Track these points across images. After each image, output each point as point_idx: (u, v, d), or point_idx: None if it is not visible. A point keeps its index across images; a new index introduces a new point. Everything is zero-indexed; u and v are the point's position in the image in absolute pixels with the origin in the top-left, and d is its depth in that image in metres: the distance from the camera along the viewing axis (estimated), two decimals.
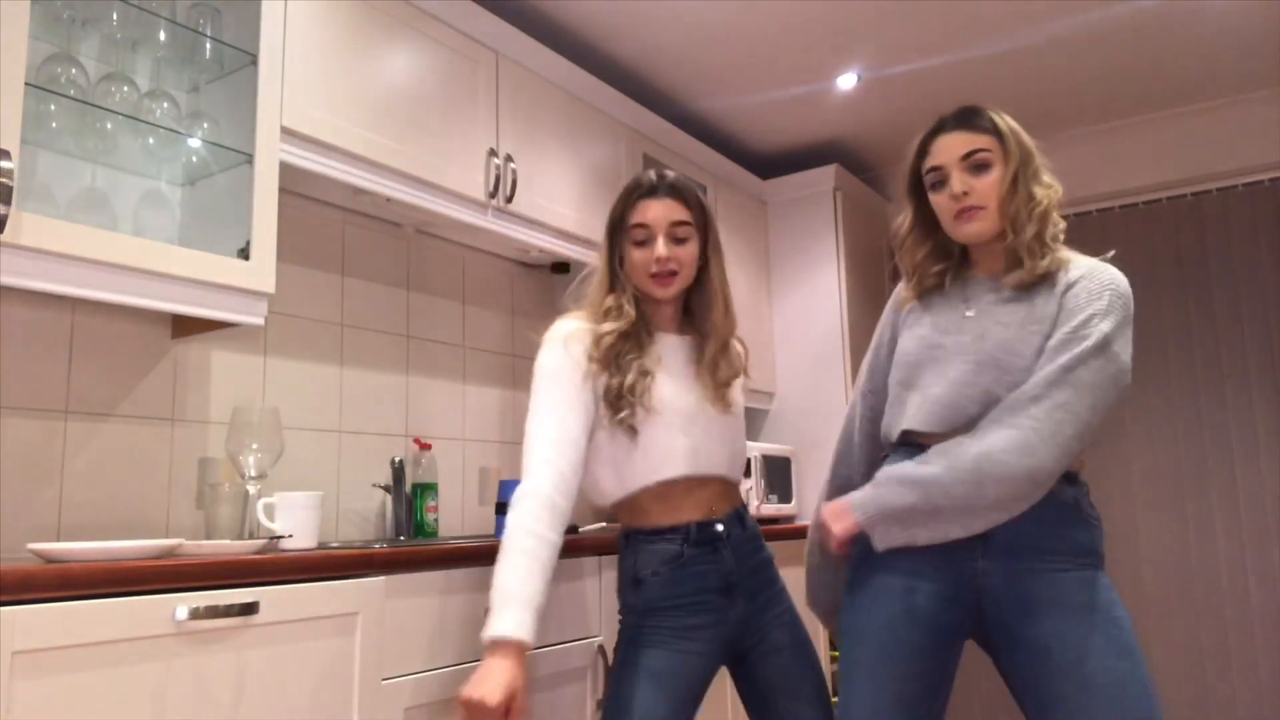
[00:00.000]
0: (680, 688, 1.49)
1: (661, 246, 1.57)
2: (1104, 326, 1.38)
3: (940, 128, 1.54)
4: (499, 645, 1.34)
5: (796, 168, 3.72)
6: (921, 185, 1.57)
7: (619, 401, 1.52)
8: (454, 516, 2.52)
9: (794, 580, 1.76)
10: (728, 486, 1.66)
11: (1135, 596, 3.40)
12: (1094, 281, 1.43)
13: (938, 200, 1.53)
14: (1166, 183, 3.57)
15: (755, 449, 3.29)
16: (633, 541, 1.59)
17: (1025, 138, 1.51)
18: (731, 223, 3.49)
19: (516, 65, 2.52)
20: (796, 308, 3.66)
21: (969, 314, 1.51)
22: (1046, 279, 1.46)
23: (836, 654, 3.15)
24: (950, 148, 1.51)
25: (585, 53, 2.91)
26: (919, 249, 1.60)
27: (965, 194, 1.48)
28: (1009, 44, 3.01)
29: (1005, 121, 1.51)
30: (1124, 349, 1.39)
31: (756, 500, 3.22)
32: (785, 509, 3.40)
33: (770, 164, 3.82)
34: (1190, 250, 3.52)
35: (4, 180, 1.38)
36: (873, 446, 1.69)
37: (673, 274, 1.59)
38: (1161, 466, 3.44)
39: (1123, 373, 1.38)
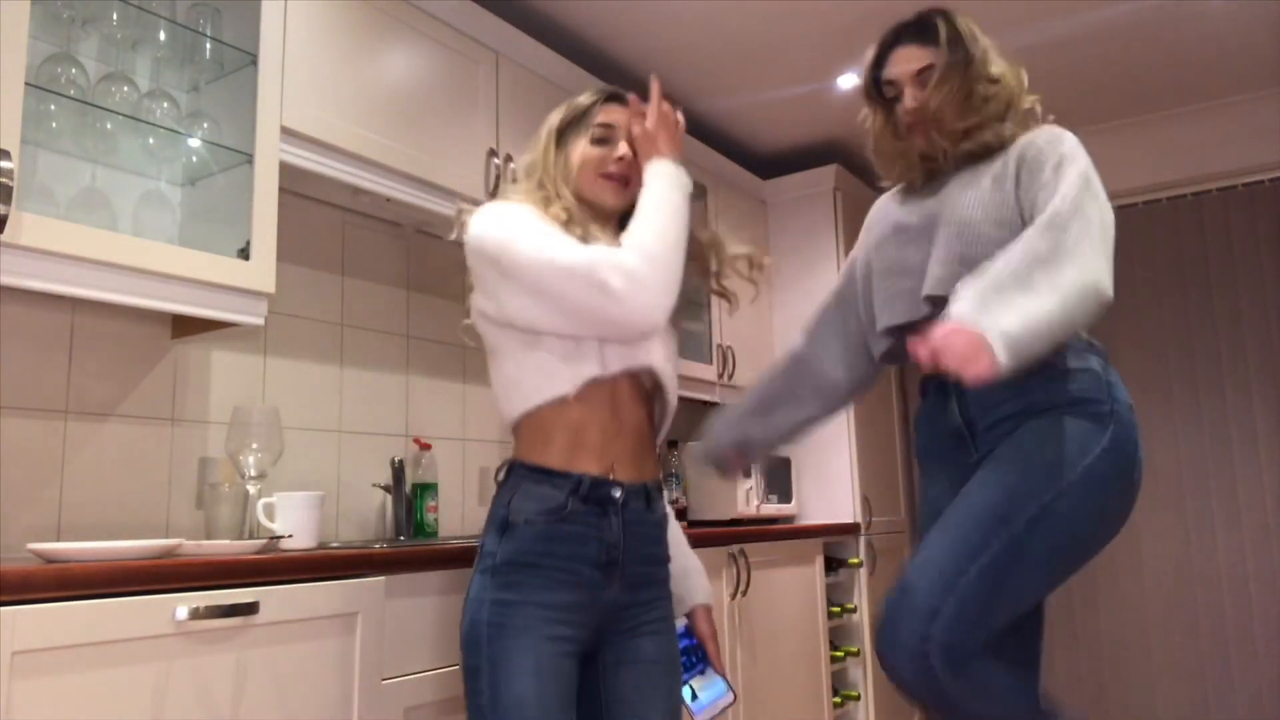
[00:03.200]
0: (558, 685, 1.29)
1: (624, 147, 1.48)
2: (1078, 165, 1.46)
3: (895, 39, 1.63)
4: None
5: (796, 168, 3.72)
6: (880, 91, 1.65)
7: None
8: (454, 516, 2.52)
9: (792, 583, 1.75)
10: (644, 445, 1.45)
11: (1135, 596, 3.40)
12: (1045, 134, 1.54)
13: (897, 111, 1.62)
14: (1166, 183, 3.57)
15: None
16: (514, 476, 1.38)
17: (974, 39, 1.59)
18: (731, 223, 3.50)
19: (516, 65, 2.52)
20: (796, 308, 3.65)
21: (934, 198, 1.60)
22: (999, 150, 1.56)
23: (840, 654, 3.17)
24: (903, 61, 1.60)
25: (585, 53, 2.91)
26: (908, 149, 1.65)
27: (915, 110, 1.58)
28: (1009, 44, 2.96)
29: (954, 27, 1.58)
30: (1098, 184, 1.46)
31: (756, 500, 3.23)
32: (785, 509, 3.40)
33: (770, 164, 3.82)
34: (1190, 250, 3.52)
35: (4, 180, 1.38)
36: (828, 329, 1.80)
37: (628, 180, 1.47)
38: (1161, 466, 3.44)
39: (1108, 208, 1.45)
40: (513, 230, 1.35)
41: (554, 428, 1.38)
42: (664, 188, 1.40)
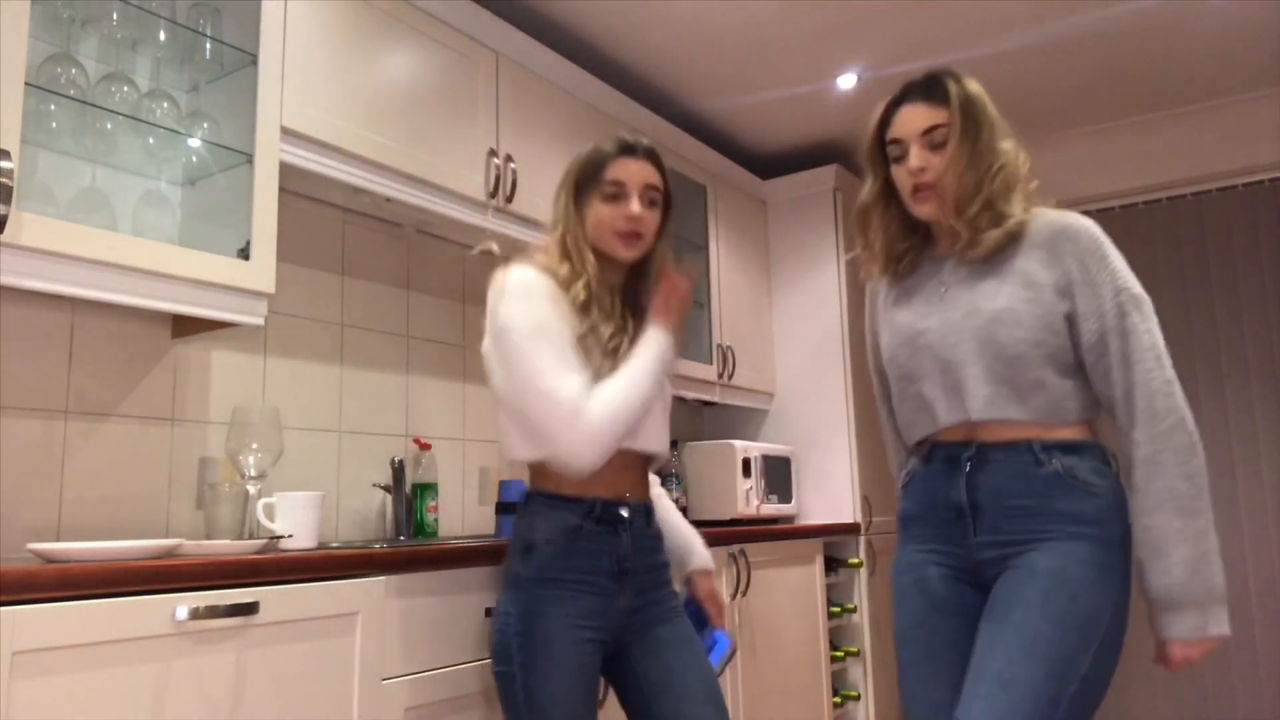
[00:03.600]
0: (585, 681, 1.46)
1: (635, 204, 1.55)
2: (1129, 288, 1.42)
3: (903, 97, 1.52)
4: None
5: (796, 168, 3.72)
6: (885, 155, 1.54)
7: (589, 354, 1.48)
8: (454, 516, 2.52)
9: (792, 583, 1.76)
10: (644, 476, 1.63)
11: (1135, 596, 3.39)
12: (1075, 233, 1.45)
13: (898, 173, 1.51)
14: (1166, 183, 3.57)
15: (755, 449, 3.30)
16: (532, 504, 1.54)
17: (985, 107, 1.48)
18: (731, 223, 3.50)
19: (516, 65, 2.52)
20: (796, 308, 3.66)
21: (944, 292, 1.51)
22: (1013, 239, 1.46)
23: (840, 654, 3.17)
24: (910, 120, 1.49)
25: (585, 53, 2.91)
26: (889, 223, 1.58)
27: (922, 170, 1.47)
28: (1009, 44, 3.01)
29: (965, 90, 1.48)
30: (1138, 285, 1.44)
31: (756, 500, 3.23)
32: (785, 509, 3.40)
33: (770, 164, 3.82)
34: (1190, 250, 3.52)
35: (4, 180, 1.38)
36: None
37: (640, 235, 1.56)
38: None
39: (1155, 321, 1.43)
40: (523, 324, 1.47)
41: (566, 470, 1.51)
42: (649, 358, 1.51)
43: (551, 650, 1.43)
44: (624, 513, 1.53)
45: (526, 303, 1.48)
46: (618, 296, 1.60)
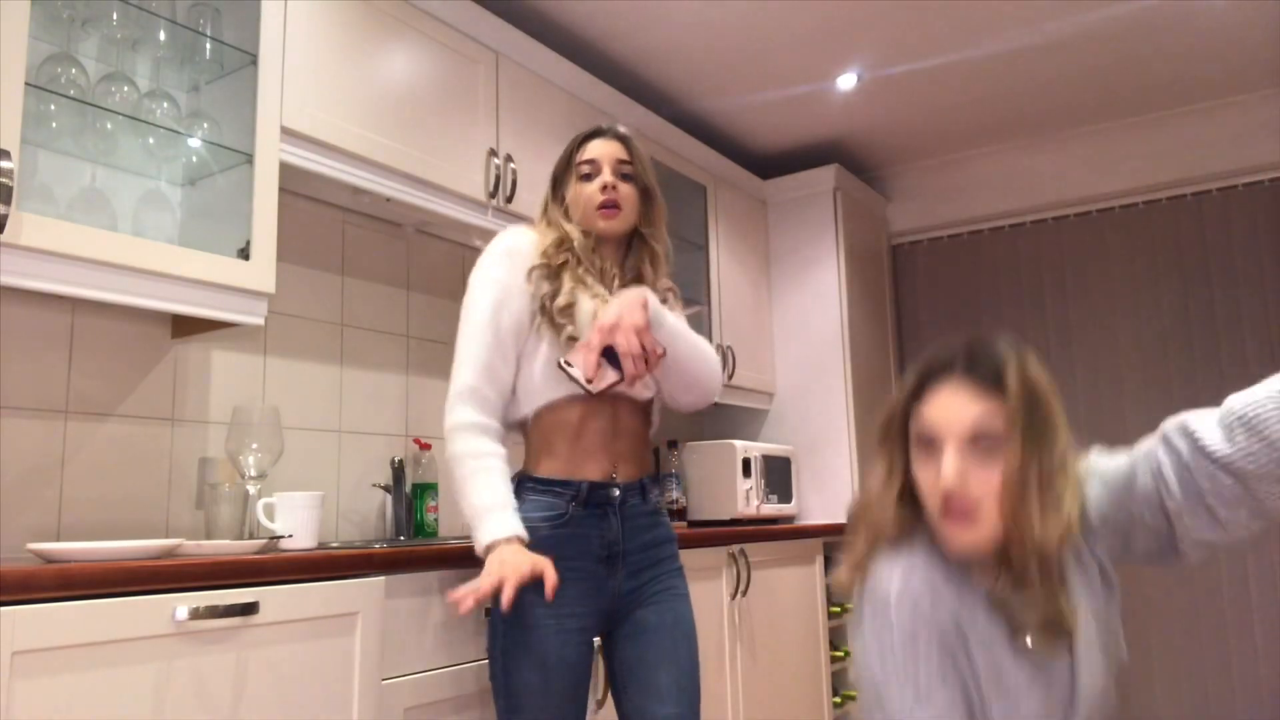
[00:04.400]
0: (566, 674, 1.46)
1: (608, 174, 1.62)
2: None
3: (944, 367, 1.11)
4: (496, 547, 1.40)
5: (796, 168, 3.72)
6: (905, 433, 1.16)
7: (562, 313, 1.53)
8: (454, 516, 2.52)
9: (792, 583, 1.76)
10: (641, 444, 1.63)
11: (1135, 596, 3.40)
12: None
13: (925, 475, 1.12)
14: (1166, 183, 3.57)
15: (755, 449, 3.30)
16: (522, 490, 1.54)
17: (1049, 398, 1.10)
18: (731, 223, 3.50)
19: (516, 65, 2.52)
20: (796, 308, 3.66)
21: (1028, 642, 1.11)
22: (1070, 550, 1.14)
23: (840, 654, 3.17)
24: (955, 414, 1.08)
25: (585, 53, 2.91)
26: (900, 510, 1.15)
27: (962, 487, 1.07)
28: (1009, 44, 3.01)
29: (1030, 379, 1.09)
30: None
31: (756, 500, 3.23)
32: (785, 509, 3.40)
33: (770, 164, 3.82)
34: (1190, 250, 3.52)
35: (4, 180, 1.38)
36: None
37: (617, 206, 1.61)
38: None
39: None
40: (470, 297, 1.58)
41: (555, 434, 1.55)
42: None
43: (529, 640, 1.44)
44: (614, 493, 1.54)
45: (480, 271, 1.58)
46: (615, 279, 1.64)
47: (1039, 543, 1.06)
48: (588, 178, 1.63)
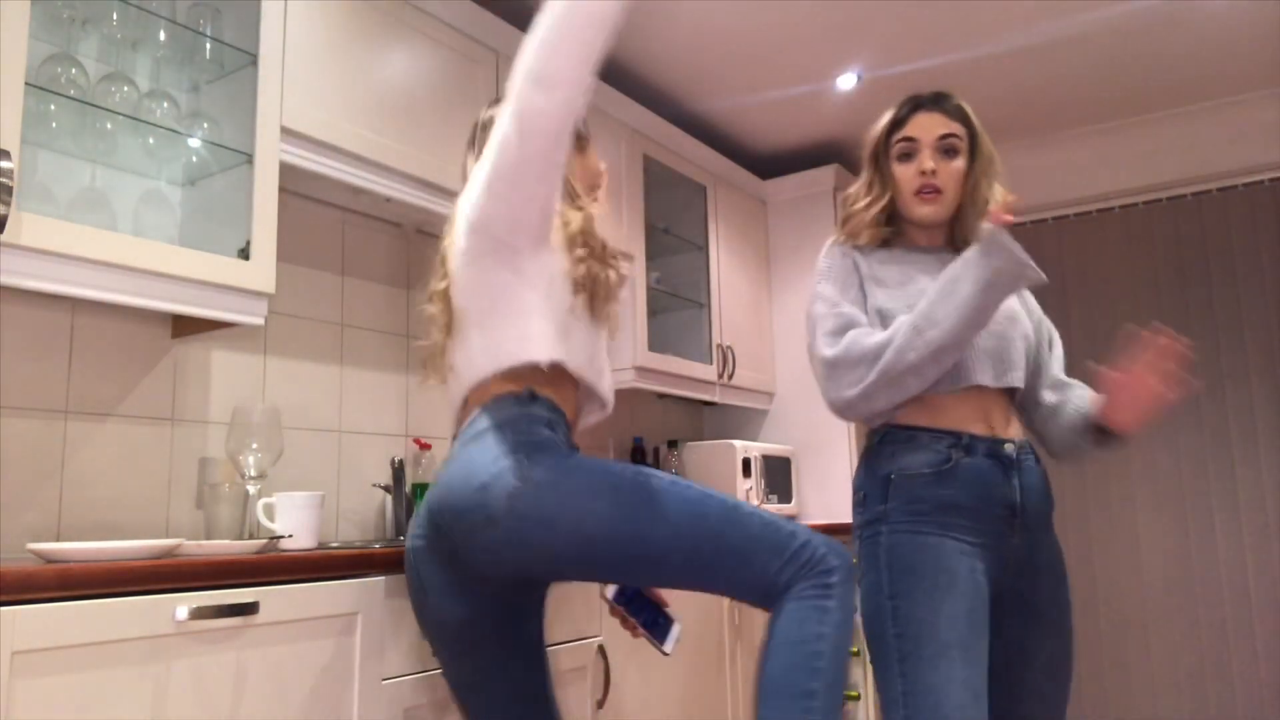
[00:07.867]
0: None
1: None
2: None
3: (919, 105, 1.59)
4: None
5: (796, 168, 3.72)
6: (885, 155, 1.61)
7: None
8: None
9: None
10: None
11: (1135, 596, 3.40)
12: None
13: (903, 171, 1.58)
14: (1166, 183, 3.57)
15: (755, 449, 3.30)
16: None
17: (989, 142, 1.60)
18: (731, 223, 3.50)
19: None
20: (797, 308, 3.65)
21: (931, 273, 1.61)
22: None
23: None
24: (928, 125, 1.57)
25: None
26: (874, 208, 1.62)
27: (933, 172, 1.55)
28: (1009, 44, 3.01)
29: (975, 119, 1.60)
30: None
31: (756, 500, 3.22)
32: (785, 509, 3.40)
33: (770, 164, 3.82)
34: (1190, 250, 3.52)
35: (4, 180, 1.38)
36: None
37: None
38: (1161, 466, 3.44)
39: None
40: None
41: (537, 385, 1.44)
42: None
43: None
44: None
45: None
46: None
47: (981, 213, 1.55)
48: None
